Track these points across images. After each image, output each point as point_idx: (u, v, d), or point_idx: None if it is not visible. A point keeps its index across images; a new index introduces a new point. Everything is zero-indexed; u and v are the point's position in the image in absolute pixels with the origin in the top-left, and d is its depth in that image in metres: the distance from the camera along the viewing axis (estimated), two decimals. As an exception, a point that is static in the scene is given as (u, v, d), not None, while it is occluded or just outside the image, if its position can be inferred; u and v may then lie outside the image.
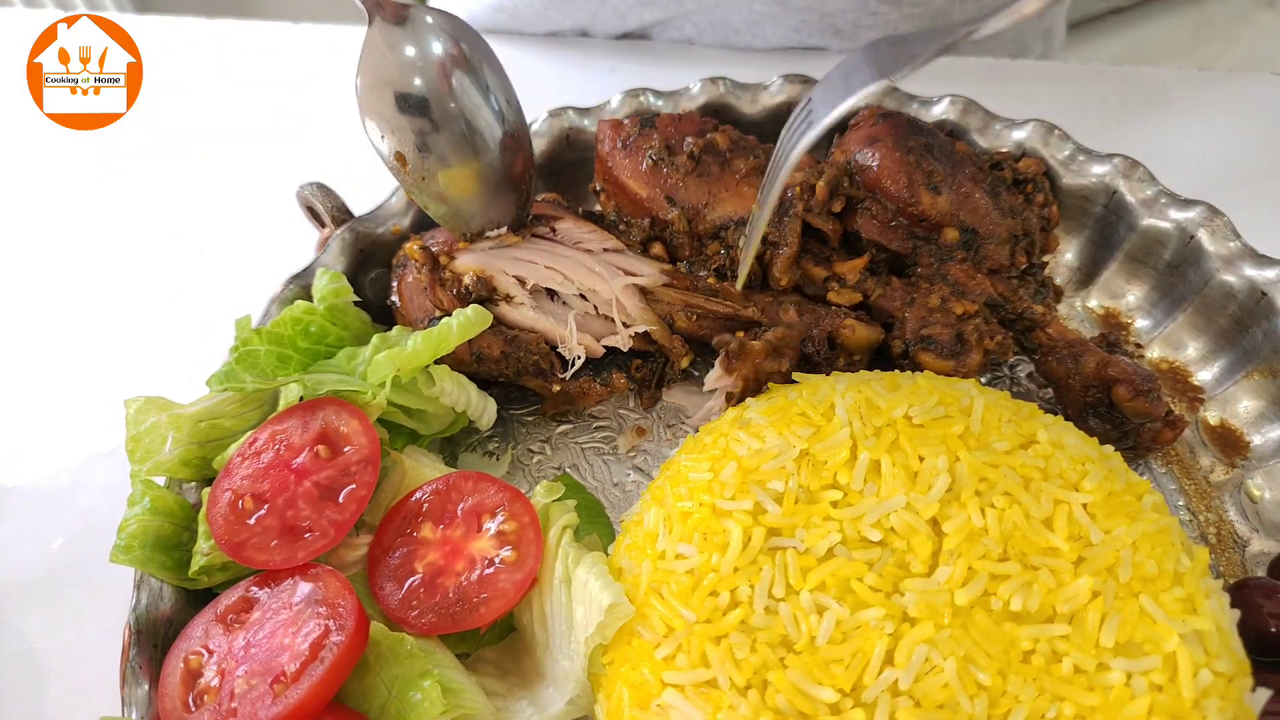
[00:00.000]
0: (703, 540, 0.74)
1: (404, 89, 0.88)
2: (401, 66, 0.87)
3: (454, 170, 0.91)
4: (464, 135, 0.91)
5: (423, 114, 0.89)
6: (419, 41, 0.88)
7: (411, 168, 0.90)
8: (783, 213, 1.00)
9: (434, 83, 0.88)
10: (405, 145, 0.89)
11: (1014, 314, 0.98)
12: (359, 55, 0.87)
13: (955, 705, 0.64)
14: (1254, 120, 1.32)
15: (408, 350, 0.86)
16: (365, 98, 0.88)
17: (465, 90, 0.90)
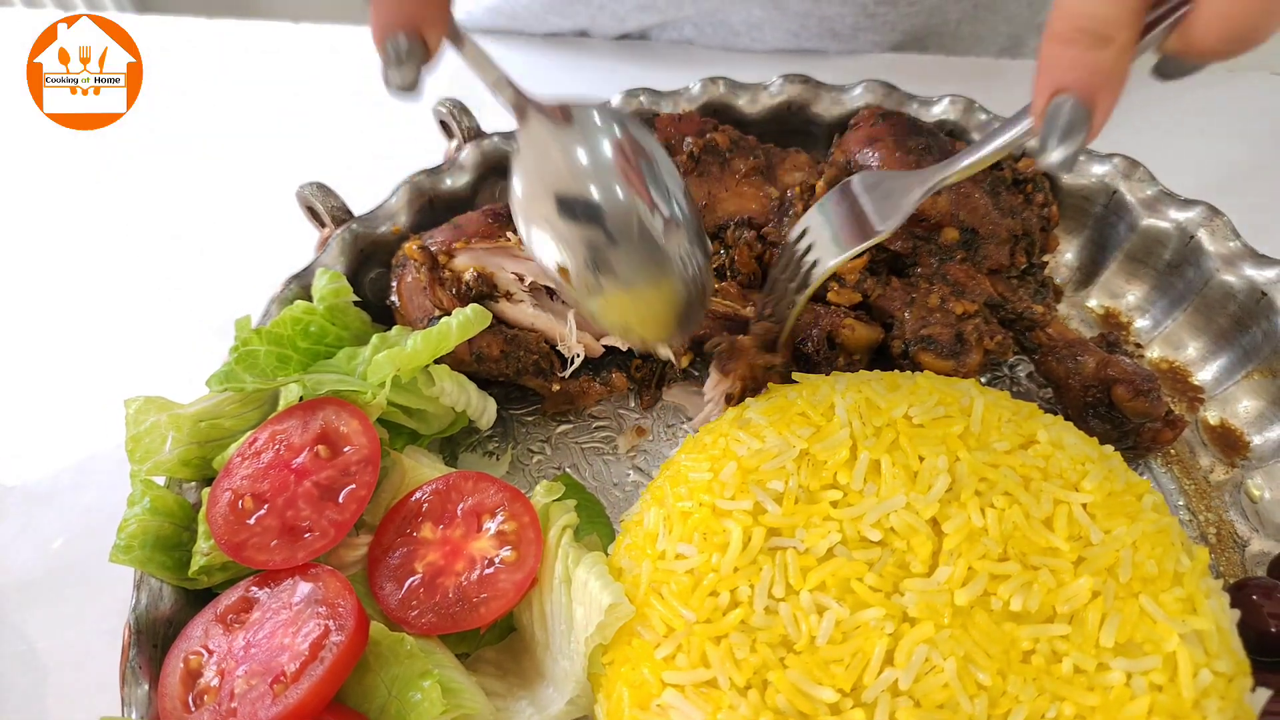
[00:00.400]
0: (703, 540, 0.74)
1: (577, 195, 0.75)
2: (574, 171, 0.75)
3: (637, 289, 0.78)
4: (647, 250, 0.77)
5: (596, 224, 0.75)
6: (589, 142, 0.76)
7: (579, 282, 0.76)
8: (782, 213, 1.00)
9: (611, 190, 0.75)
10: (574, 259, 0.75)
11: (1014, 314, 0.98)
12: (516, 159, 0.75)
13: (955, 705, 0.64)
14: (1254, 120, 1.33)
15: (407, 350, 0.86)
16: (527, 205, 0.75)
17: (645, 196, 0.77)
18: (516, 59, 1.49)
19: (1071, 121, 0.60)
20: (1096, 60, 0.59)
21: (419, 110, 1.18)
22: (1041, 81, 0.61)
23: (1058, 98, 0.60)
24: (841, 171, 1.01)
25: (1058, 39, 0.59)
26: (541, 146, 0.75)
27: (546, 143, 0.75)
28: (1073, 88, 0.60)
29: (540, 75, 1.46)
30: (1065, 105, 0.60)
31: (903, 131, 1.02)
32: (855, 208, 0.83)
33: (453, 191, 1.11)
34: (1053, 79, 0.60)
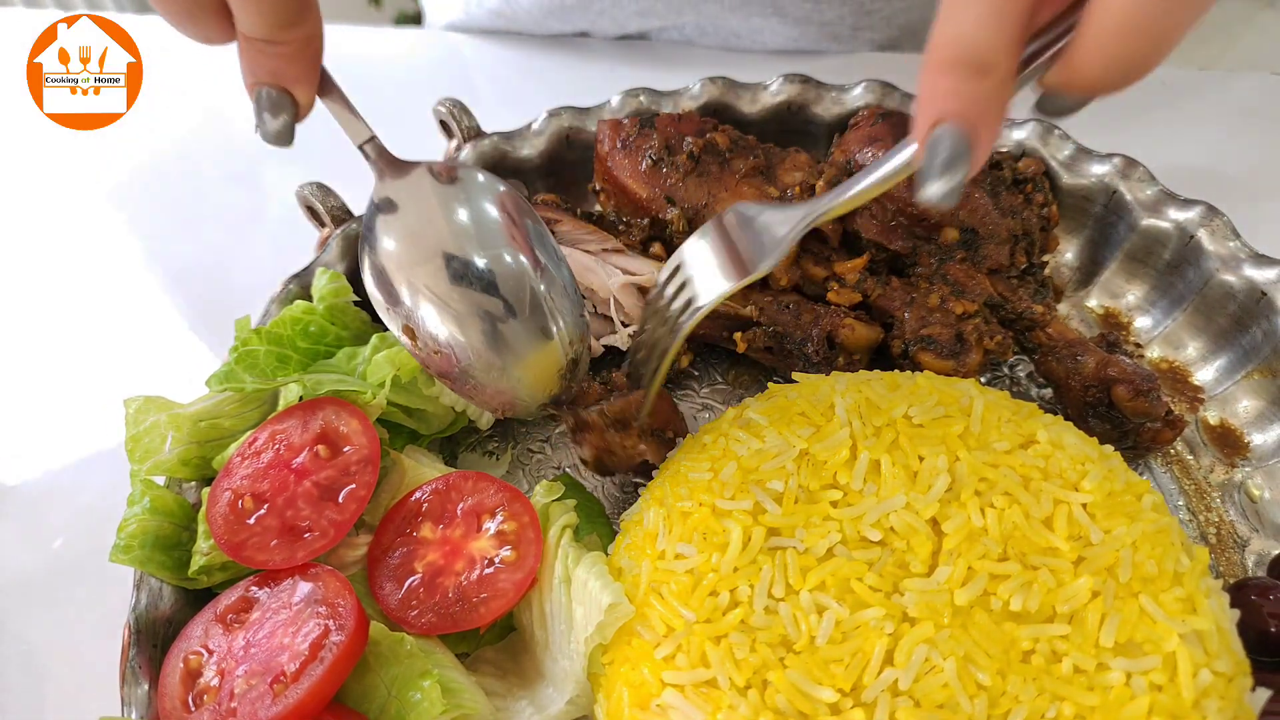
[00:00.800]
0: (702, 540, 0.74)
1: (468, 257, 0.71)
2: (457, 233, 0.72)
3: (528, 355, 0.76)
4: (536, 316, 0.75)
5: (488, 290, 0.72)
6: (473, 204, 0.73)
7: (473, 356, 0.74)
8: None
9: (501, 250, 0.73)
10: (469, 331, 0.72)
11: (1014, 314, 0.98)
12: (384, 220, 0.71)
13: (955, 705, 0.64)
14: (1254, 120, 1.33)
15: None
16: (407, 269, 0.71)
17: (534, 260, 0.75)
18: (516, 59, 1.49)
19: (953, 153, 0.57)
20: (975, 90, 0.57)
21: (419, 110, 1.18)
22: (922, 111, 0.59)
23: (939, 128, 0.58)
24: (841, 171, 1.01)
25: (936, 67, 0.57)
26: (424, 204, 0.72)
27: (429, 200, 0.72)
28: (952, 118, 0.57)
29: (540, 75, 1.46)
30: (946, 136, 0.57)
31: (902, 131, 1.02)
32: (729, 245, 0.78)
33: (453, 191, 1.11)
34: (933, 109, 0.58)
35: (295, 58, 0.67)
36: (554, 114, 1.15)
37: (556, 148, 1.16)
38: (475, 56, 1.52)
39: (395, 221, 0.72)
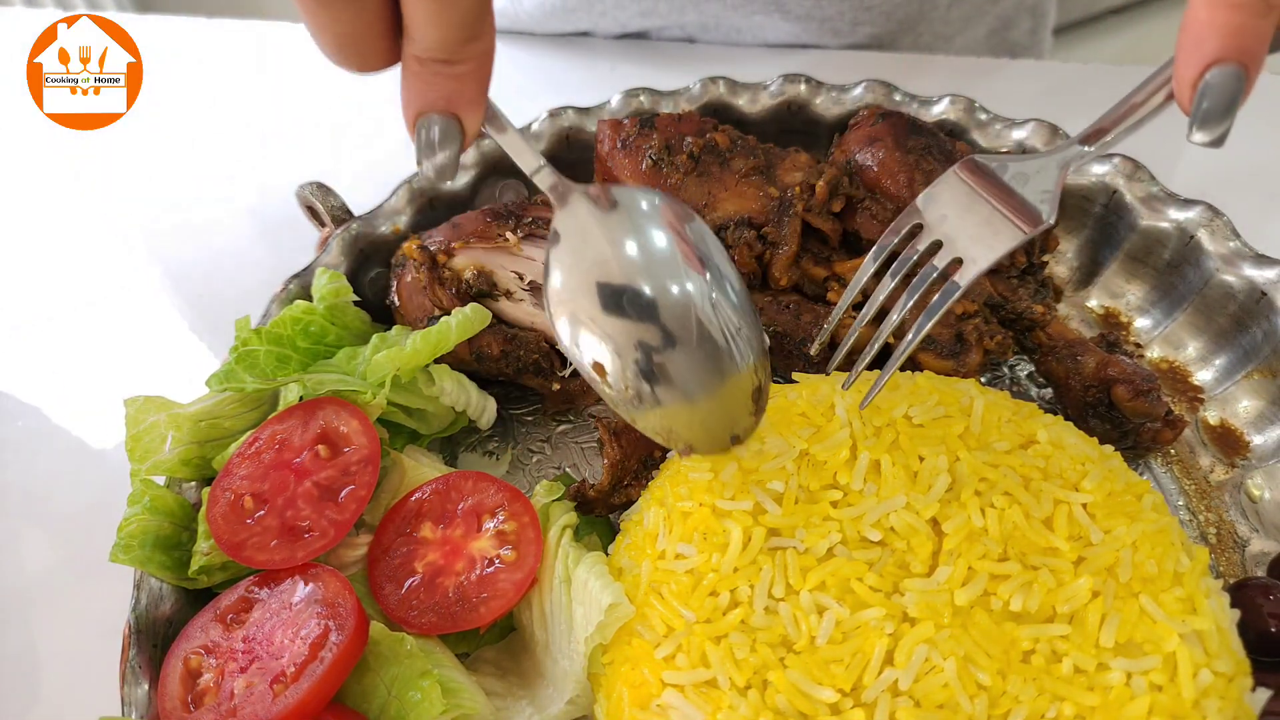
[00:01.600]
0: (702, 540, 0.74)
1: (624, 285, 0.65)
2: (621, 259, 0.66)
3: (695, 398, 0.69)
4: (707, 350, 0.67)
5: (649, 320, 0.65)
6: (638, 227, 0.67)
7: (626, 389, 0.68)
8: (783, 212, 1.00)
9: (663, 280, 0.66)
10: (621, 362, 0.66)
11: (1014, 314, 0.98)
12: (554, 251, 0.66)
13: (955, 705, 0.64)
14: (1254, 120, 1.32)
15: (407, 350, 0.86)
16: (569, 300, 0.66)
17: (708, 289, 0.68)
18: (517, 57, 1.49)
19: (1232, 96, 0.54)
20: (1260, 28, 0.53)
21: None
22: (1195, 50, 0.54)
23: (1217, 69, 0.53)
24: (841, 171, 1.01)
25: (1224, 3, 0.53)
26: (583, 233, 0.67)
27: (589, 228, 0.67)
28: (1234, 58, 0.53)
29: (540, 74, 1.46)
30: (1227, 79, 0.53)
31: (903, 131, 1.02)
32: (987, 198, 0.71)
33: (453, 191, 1.11)
34: (1213, 45, 0.53)
35: (470, 77, 0.59)
36: (554, 114, 1.15)
37: (557, 148, 1.16)
38: (475, 56, 1.53)
39: (556, 256, 0.67)
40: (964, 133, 1.13)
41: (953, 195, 0.74)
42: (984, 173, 0.73)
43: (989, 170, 0.73)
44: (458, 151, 0.62)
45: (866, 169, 1.01)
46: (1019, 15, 1.52)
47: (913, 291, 0.75)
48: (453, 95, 0.60)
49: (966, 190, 0.73)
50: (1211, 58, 0.54)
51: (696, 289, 0.67)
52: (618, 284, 0.65)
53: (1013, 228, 0.70)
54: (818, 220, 0.99)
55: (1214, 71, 0.54)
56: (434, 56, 0.58)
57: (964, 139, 1.13)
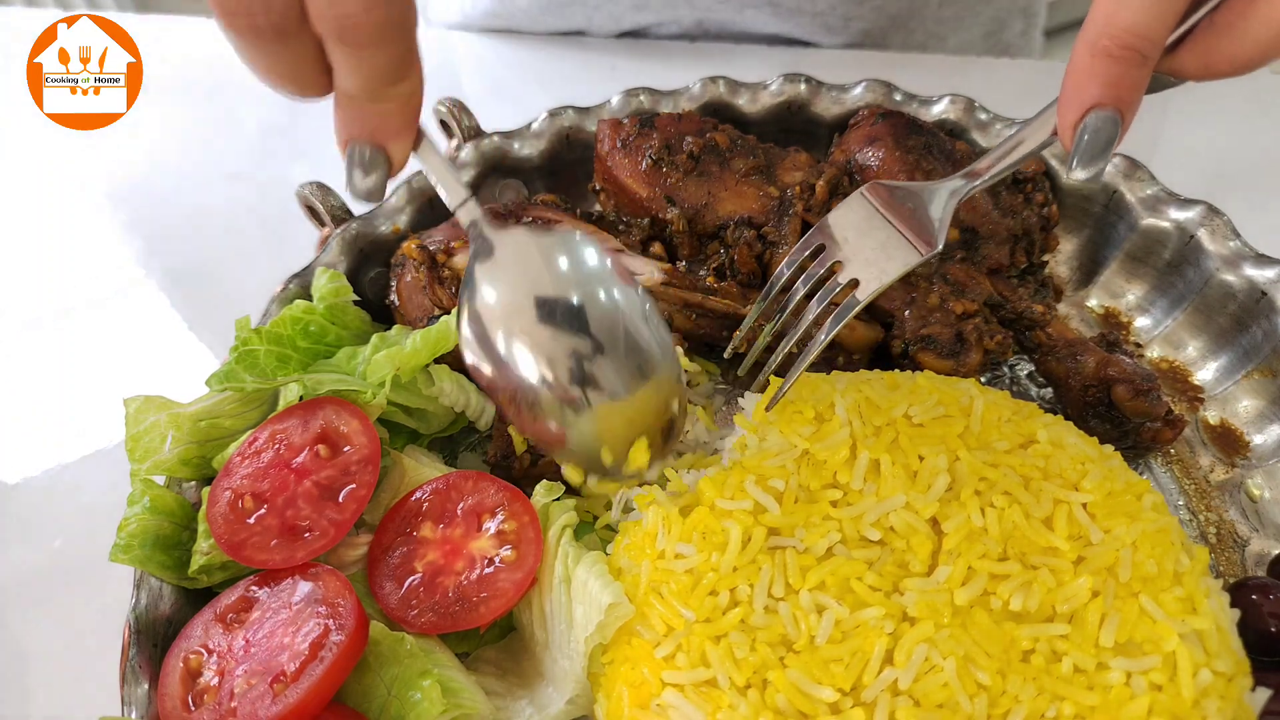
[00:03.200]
0: (702, 540, 0.74)
1: (559, 297, 0.69)
2: (556, 275, 0.70)
3: (620, 401, 0.71)
4: (633, 358, 0.71)
5: (581, 331, 0.69)
6: (572, 249, 0.72)
7: (559, 396, 0.70)
8: (782, 212, 1.00)
9: (595, 293, 0.71)
10: (556, 370, 0.69)
11: (1014, 313, 0.98)
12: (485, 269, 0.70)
13: (955, 705, 0.64)
14: (1254, 119, 1.33)
15: (407, 349, 0.86)
16: (504, 316, 0.69)
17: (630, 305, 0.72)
18: (515, 58, 1.49)
19: (1108, 139, 0.59)
20: (1136, 78, 0.58)
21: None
22: (1076, 96, 0.59)
23: (1095, 114, 0.59)
24: (841, 171, 1.01)
25: (1101, 52, 0.57)
26: (521, 251, 0.71)
27: (527, 247, 0.71)
28: (1111, 103, 0.58)
29: (540, 73, 1.46)
30: (1102, 123, 0.59)
31: (902, 131, 1.02)
32: (886, 220, 0.77)
33: (453, 191, 1.11)
34: (1090, 94, 0.59)
35: (395, 114, 0.64)
36: (554, 114, 1.15)
37: (556, 147, 1.16)
38: (475, 56, 1.53)
39: (488, 274, 0.71)
40: (964, 132, 1.13)
41: (857, 217, 0.79)
42: (887, 195, 0.78)
43: (891, 192, 0.78)
44: (384, 176, 0.66)
45: (867, 169, 1.01)
46: (1011, 17, 1.52)
47: (816, 305, 0.79)
48: (377, 129, 0.64)
49: (869, 212, 0.78)
50: (1091, 102, 0.59)
51: (625, 301, 0.71)
52: (551, 296, 0.70)
53: (910, 249, 0.76)
54: (817, 220, 0.99)
55: (1093, 115, 0.59)
56: (357, 95, 0.62)
57: (964, 139, 1.13)
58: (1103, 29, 0.58)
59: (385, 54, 0.59)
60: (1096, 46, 0.58)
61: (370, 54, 0.58)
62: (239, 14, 0.57)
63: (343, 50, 0.58)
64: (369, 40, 0.57)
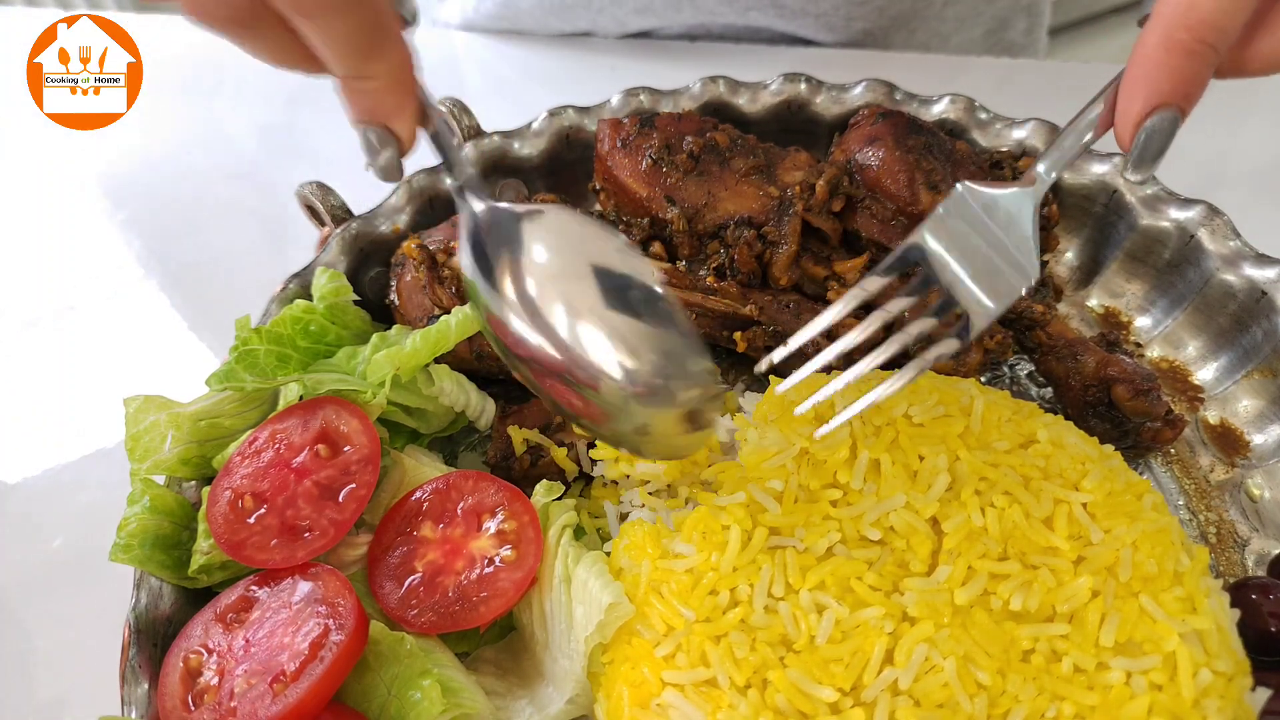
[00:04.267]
0: (702, 539, 0.74)
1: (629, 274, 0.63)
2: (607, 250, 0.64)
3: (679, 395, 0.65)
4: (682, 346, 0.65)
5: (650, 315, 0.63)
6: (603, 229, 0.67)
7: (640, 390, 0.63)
8: (783, 212, 1.00)
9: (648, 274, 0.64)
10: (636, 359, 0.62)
11: (1014, 313, 0.98)
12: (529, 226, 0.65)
13: (955, 704, 0.64)
14: (1254, 119, 1.32)
15: (407, 349, 0.86)
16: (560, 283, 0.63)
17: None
18: (516, 57, 1.49)
19: (1168, 139, 0.56)
20: (1207, 75, 0.55)
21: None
22: (1144, 91, 0.55)
23: (1160, 113, 0.55)
24: (841, 171, 1.01)
25: (1179, 48, 0.54)
26: (568, 222, 0.66)
27: (571, 221, 0.66)
28: (1179, 102, 0.55)
29: (540, 73, 1.46)
30: (1165, 124, 0.56)
31: (903, 130, 1.02)
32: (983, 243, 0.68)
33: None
34: (1158, 90, 0.55)
35: (385, 92, 0.63)
36: (554, 113, 1.15)
37: (556, 147, 1.16)
38: (475, 55, 1.53)
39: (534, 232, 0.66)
40: (964, 132, 1.13)
41: (955, 231, 0.70)
42: (981, 205, 0.70)
43: (985, 202, 0.70)
44: (394, 154, 0.66)
45: (867, 168, 1.01)
46: (1015, 15, 1.52)
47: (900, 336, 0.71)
48: (374, 108, 0.64)
49: (966, 228, 0.69)
50: (1161, 99, 0.55)
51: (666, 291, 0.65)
52: (619, 271, 0.63)
53: (1012, 278, 0.68)
54: (818, 220, 0.99)
55: (1157, 115, 0.56)
56: (341, 74, 0.62)
57: (964, 138, 1.13)
58: (1180, 20, 0.54)
59: (344, 22, 0.58)
60: (1172, 40, 0.54)
61: (327, 23, 0.58)
62: (201, 10, 0.56)
63: (304, 25, 0.58)
64: (320, 8, 0.56)
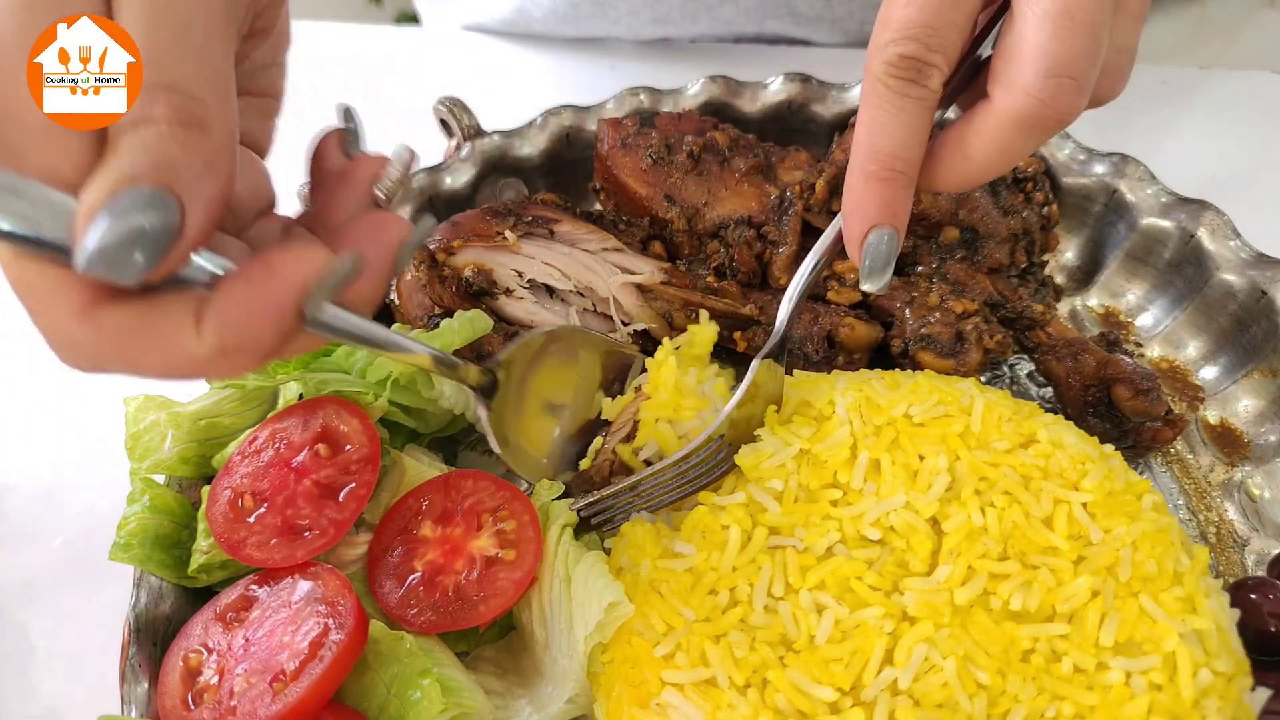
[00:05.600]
0: (702, 539, 0.74)
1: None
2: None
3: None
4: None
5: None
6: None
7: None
8: (783, 211, 1.00)
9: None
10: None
11: (1014, 313, 0.98)
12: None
13: (954, 704, 0.64)
14: (1255, 119, 1.32)
15: (407, 349, 0.86)
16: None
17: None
18: (517, 56, 1.49)
19: (889, 254, 0.64)
20: (905, 198, 0.63)
21: (419, 109, 1.18)
22: (858, 215, 0.64)
23: (875, 232, 0.63)
24: (841, 170, 1.01)
25: (874, 179, 0.62)
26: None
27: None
28: (886, 222, 0.63)
29: (540, 72, 1.46)
30: (883, 242, 0.64)
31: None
32: None
33: (453, 190, 1.11)
34: (869, 215, 0.63)
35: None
36: (554, 112, 1.15)
37: (557, 146, 1.16)
38: (475, 55, 1.52)
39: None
40: (964, 132, 1.13)
41: None
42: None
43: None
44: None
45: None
46: None
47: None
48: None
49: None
50: (871, 221, 0.64)
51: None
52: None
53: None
54: (818, 219, 0.99)
55: (874, 234, 0.64)
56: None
57: (964, 138, 1.12)
58: (868, 155, 0.62)
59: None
60: (866, 172, 0.62)
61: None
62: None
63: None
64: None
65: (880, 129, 0.61)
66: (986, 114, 0.60)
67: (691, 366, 0.89)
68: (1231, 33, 2.44)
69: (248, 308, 0.47)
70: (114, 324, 0.47)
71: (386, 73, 1.48)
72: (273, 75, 0.68)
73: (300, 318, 0.48)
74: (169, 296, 0.48)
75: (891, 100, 0.60)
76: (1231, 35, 2.44)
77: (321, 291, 0.48)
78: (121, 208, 0.44)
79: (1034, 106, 0.57)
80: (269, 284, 0.47)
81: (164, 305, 0.47)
